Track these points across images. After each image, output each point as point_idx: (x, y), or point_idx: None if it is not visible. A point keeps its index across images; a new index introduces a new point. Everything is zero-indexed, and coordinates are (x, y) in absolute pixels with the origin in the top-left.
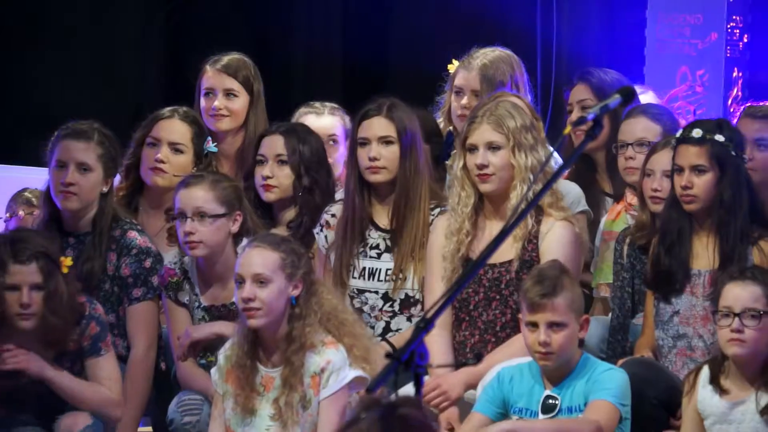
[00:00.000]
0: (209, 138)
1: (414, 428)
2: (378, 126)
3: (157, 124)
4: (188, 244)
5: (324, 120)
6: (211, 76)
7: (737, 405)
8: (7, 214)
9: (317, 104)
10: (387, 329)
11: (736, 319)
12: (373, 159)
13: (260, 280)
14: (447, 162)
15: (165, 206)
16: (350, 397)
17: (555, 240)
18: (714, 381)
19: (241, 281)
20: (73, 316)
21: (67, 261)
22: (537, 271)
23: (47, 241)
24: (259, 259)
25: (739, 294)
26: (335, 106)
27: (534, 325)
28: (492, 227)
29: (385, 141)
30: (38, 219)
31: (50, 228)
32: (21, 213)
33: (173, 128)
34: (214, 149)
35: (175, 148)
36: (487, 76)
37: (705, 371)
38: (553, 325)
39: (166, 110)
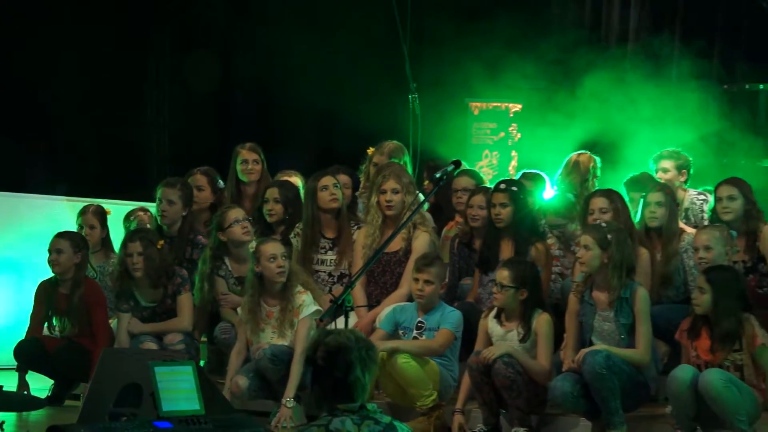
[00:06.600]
0: None
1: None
2: (334, 179)
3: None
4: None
5: (294, 178)
6: (245, 152)
7: (509, 331)
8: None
9: (288, 171)
10: (330, 291)
11: (498, 287)
12: (333, 194)
13: (284, 256)
14: (357, 193)
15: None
16: (312, 320)
17: (420, 242)
18: (497, 317)
19: (273, 258)
20: (165, 270)
21: (160, 242)
22: (425, 253)
23: (147, 232)
24: (280, 245)
25: (500, 274)
26: (296, 171)
27: (416, 280)
28: (389, 234)
29: (341, 186)
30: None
31: (158, 233)
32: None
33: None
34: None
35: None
36: (390, 155)
37: (493, 311)
38: (426, 282)
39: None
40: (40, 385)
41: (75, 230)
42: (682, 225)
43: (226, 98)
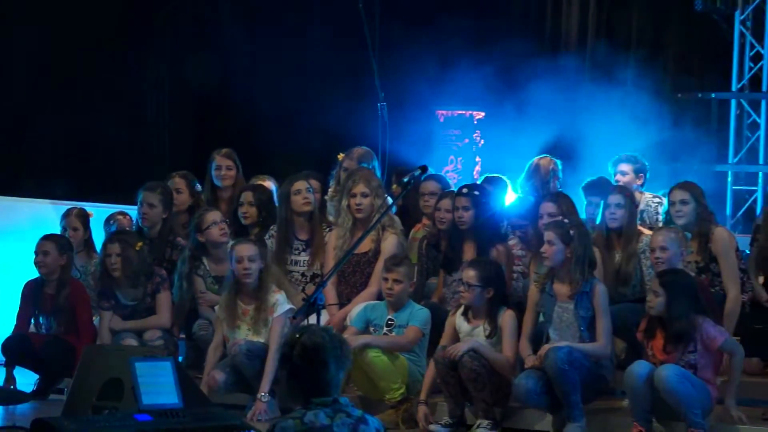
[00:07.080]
0: None
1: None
2: (307, 184)
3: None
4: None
5: (267, 182)
6: (220, 158)
7: (475, 328)
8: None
9: (261, 175)
10: (303, 290)
11: (465, 285)
12: (306, 198)
13: (251, 259)
14: (326, 197)
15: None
16: (286, 318)
17: (389, 243)
18: (464, 314)
19: (240, 260)
20: (143, 270)
21: (139, 243)
22: (394, 254)
23: (126, 234)
24: (251, 248)
25: (467, 273)
26: (269, 175)
27: (386, 279)
28: (359, 235)
29: (311, 191)
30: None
31: (139, 234)
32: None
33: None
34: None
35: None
36: (360, 160)
37: (461, 309)
38: (395, 281)
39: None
40: (26, 379)
41: (59, 232)
42: (639, 227)
43: (215, 100)
